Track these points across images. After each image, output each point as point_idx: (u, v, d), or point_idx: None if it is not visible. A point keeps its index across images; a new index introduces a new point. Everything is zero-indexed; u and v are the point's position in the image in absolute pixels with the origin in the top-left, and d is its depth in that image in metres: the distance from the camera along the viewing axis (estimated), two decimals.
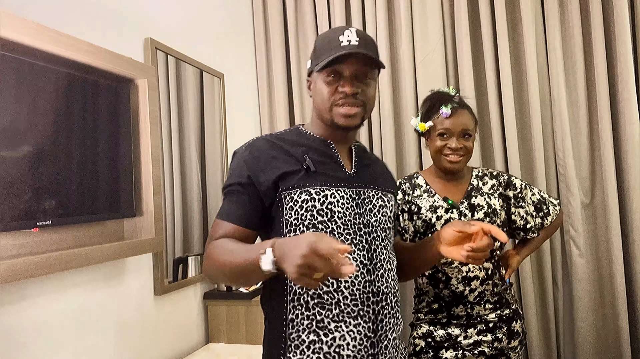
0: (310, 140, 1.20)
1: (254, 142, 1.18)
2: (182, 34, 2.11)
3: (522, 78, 2.39)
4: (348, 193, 1.15)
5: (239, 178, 1.13)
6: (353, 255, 1.11)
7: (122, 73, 1.60)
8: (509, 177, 1.77)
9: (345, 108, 1.12)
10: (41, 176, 1.30)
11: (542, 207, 1.78)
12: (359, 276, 1.11)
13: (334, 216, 1.11)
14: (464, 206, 1.68)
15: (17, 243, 1.27)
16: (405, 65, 2.48)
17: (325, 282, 1.09)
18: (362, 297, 1.10)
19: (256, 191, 1.12)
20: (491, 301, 1.68)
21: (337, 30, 1.15)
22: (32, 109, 1.29)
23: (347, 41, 1.11)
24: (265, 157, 1.14)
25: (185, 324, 2.00)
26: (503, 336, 1.67)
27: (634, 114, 2.20)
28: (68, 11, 1.52)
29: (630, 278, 2.25)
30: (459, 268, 1.63)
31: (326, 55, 1.11)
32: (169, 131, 1.95)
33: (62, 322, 1.43)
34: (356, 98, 1.13)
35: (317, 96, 1.17)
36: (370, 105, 1.18)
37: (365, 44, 1.12)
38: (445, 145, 1.65)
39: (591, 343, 2.30)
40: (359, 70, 1.12)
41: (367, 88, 1.15)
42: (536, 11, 2.37)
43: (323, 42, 1.16)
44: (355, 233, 1.13)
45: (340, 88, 1.12)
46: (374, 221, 1.18)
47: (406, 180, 1.76)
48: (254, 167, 1.13)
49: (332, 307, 1.09)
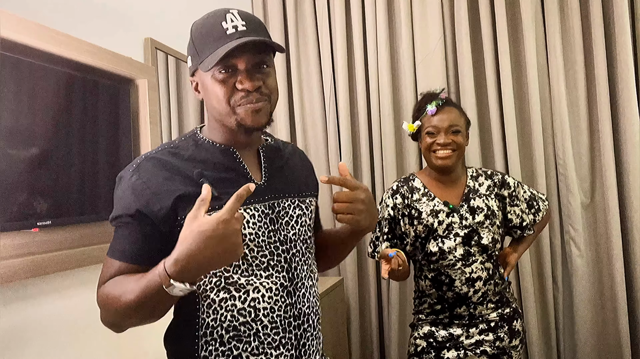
0: (210, 152, 1.01)
1: (142, 163, 0.98)
2: (182, 34, 2.10)
3: (522, 78, 2.39)
4: (260, 209, 0.99)
5: (126, 210, 0.94)
6: (271, 278, 0.98)
7: (122, 73, 1.60)
8: (502, 175, 1.78)
9: (249, 106, 0.95)
10: (41, 176, 1.30)
11: (533, 204, 1.79)
12: (279, 300, 0.98)
13: (245, 239, 0.96)
14: (463, 209, 1.68)
15: (17, 243, 1.27)
16: (405, 65, 2.48)
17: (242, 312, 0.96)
18: (283, 323, 0.99)
19: (150, 221, 0.93)
20: (493, 300, 1.68)
21: (216, 15, 0.96)
22: (32, 109, 1.29)
23: (233, 27, 0.93)
24: (156, 181, 0.94)
25: None
26: (504, 335, 1.67)
27: (634, 114, 2.20)
28: (68, 11, 1.52)
29: (630, 278, 2.25)
30: (462, 269, 1.64)
31: (211, 48, 0.93)
32: (169, 131, 1.95)
33: (62, 322, 1.43)
34: (260, 93, 0.96)
35: (210, 99, 0.97)
36: (275, 97, 1.01)
37: (254, 28, 0.95)
38: (434, 142, 1.67)
39: (591, 343, 2.30)
40: (255, 61, 0.95)
41: (268, 78, 0.98)
42: (536, 11, 2.37)
43: (202, 31, 0.97)
44: (272, 253, 0.99)
45: (238, 85, 0.94)
46: (292, 235, 1.03)
47: (403, 183, 1.76)
48: (144, 198, 0.93)
49: (250, 339, 0.97)
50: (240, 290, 0.97)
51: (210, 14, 0.98)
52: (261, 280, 0.98)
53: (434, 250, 1.65)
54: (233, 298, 0.97)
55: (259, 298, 0.97)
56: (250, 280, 0.97)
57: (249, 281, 0.97)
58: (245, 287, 0.97)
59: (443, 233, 1.65)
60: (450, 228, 1.66)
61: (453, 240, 1.65)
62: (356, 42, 2.55)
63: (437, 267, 1.66)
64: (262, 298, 0.97)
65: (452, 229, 1.65)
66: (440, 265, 1.65)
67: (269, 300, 0.98)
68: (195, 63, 0.99)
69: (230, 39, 0.92)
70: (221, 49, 0.91)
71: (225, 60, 0.92)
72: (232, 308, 0.97)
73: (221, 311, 0.97)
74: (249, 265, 0.97)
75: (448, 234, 1.65)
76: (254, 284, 0.97)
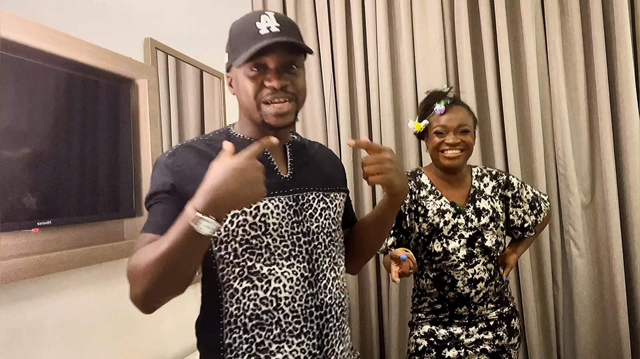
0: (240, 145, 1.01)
1: (178, 149, 1.05)
2: (182, 34, 2.11)
3: (522, 78, 2.39)
4: (284, 200, 1.04)
5: (162, 187, 0.99)
6: (292, 268, 1.02)
7: (122, 73, 1.60)
8: (507, 176, 1.77)
9: (275, 107, 1.00)
10: (41, 176, 1.30)
11: (535, 205, 1.79)
12: (300, 290, 1.01)
13: (269, 228, 1.00)
14: (469, 210, 1.67)
15: (17, 243, 1.27)
16: (405, 65, 2.48)
17: (264, 301, 1.00)
18: (304, 313, 1.01)
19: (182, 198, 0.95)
20: (493, 300, 1.69)
21: (252, 16, 1.01)
22: (32, 109, 1.29)
23: (267, 28, 0.98)
24: (190, 165, 1.01)
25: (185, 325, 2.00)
26: (504, 334, 1.68)
27: (634, 114, 2.20)
28: (68, 11, 1.52)
29: (630, 278, 2.25)
30: (465, 270, 1.64)
31: (245, 46, 0.98)
32: (169, 131, 1.95)
33: (62, 322, 1.43)
34: (286, 91, 1.00)
35: (241, 94, 1.04)
36: (301, 97, 1.05)
37: (287, 30, 1.00)
38: (442, 142, 1.64)
39: (591, 343, 2.30)
40: (285, 60, 1.00)
41: (296, 78, 1.03)
42: (536, 11, 2.37)
43: (238, 31, 1.03)
44: (294, 244, 1.03)
45: (266, 83, 0.99)
46: (315, 227, 1.06)
47: (410, 177, 1.74)
48: (178, 176, 0.99)
49: (272, 327, 1.00)
50: (262, 279, 1.00)
51: (248, 15, 1.03)
52: (282, 269, 1.01)
53: (437, 250, 1.65)
54: (255, 288, 1.00)
55: (280, 287, 1.00)
56: (272, 270, 1.00)
57: (271, 270, 1.00)
58: (267, 277, 1.00)
59: (448, 234, 1.65)
60: (455, 229, 1.65)
61: (457, 241, 1.64)
62: (356, 42, 2.55)
63: (439, 267, 1.66)
64: (283, 287, 1.01)
65: (457, 230, 1.65)
66: (443, 265, 1.65)
67: (290, 290, 1.01)
68: (230, 60, 1.05)
69: (263, 38, 0.97)
70: (253, 47, 0.96)
71: (256, 58, 0.97)
72: (255, 297, 1.00)
73: (244, 300, 1.00)
74: (271, 254, 1.01)
75: (453, 235, 1.65)
76: (276, 274, 1.00)
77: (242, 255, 1.00)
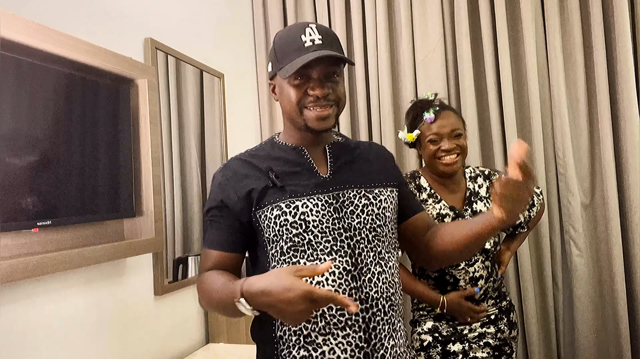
0: (282, 151, 1.16)
1: (228, 163, 1.17)
2: (182, 34, 2.11)
3: (522, 78, 2.39)
4: (323, 198, 1.09)
5: (214, 202, 1.13)
6: (335, 262, 1.06)
7: (122, 73, 1.60)
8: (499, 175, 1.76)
9: (317, 112, 1.07)
10: (41, 176, 1.30)
11: None
12: (343, 283, 1.05)
13: (309, 226, 1.06)
14: (467, 213, 1.68)
15: (17, 243, 1.27)
16: (405, 65, 2.48)
17: None
18: None
19: (231, 213, 1.12)
20: (493, 296, 1.72)
21: (297, 29, 1.08)
22: (32, 109, 1.29)
23: (311, 41, 1.05)
24: (237, 177, 1.12)
25: (185, 324, 2.00)
26: (505, 327, 1.72)
27: (634, 114, 2.20)
28: (68, 11, 1.52)
29: (630, 278, 2.24)
30: (466, 269, 1.65)
31: (289, 57, 1.06)
32: (169, 131, 1.95)
33: (62, 322, 1.43)
34: (327, 100, 1.08)
35: (284, 101, 1.11)
36: (342, 103, 1.12)
37: (329, 42, 1.07)
38: (438, 149, 1.65)
39: (591, 343, 2.30)
40: (327, 71, 1.07)
41: (337, 86, 1.10)
42: (536, 11, 2.37)
43: (282, 42, 1.10)
44: (335, 239, 1.07)
45: (310, 91, 1.07)
46: (356, 223, 1.10)
47: (410, 180, 1.75)
48: (226, 189, 1.12)
49: (317, 320, 1.04)
50: None
51: (292, 27, 1.11)
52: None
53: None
54: None
55: (324, 281, 1.05)
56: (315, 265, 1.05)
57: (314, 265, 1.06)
58: None
59: None
60: None
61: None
62: (356, 42, 2.55)
63: (441, 268, 1.66)
64: (326, 281, 1.05)
65: None
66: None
67: (333, 283, 1.04)
68: (274, 69, 1.12)
69: (307, 51, 1.05)
70: (299, 60, 1.04)
71: (301, 69, 1.04)
72: None
73: None
74: (314, 250, 1.06)
75: None
76: None
77: (288, 252, 1.07)
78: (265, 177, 1.10)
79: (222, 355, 1.92)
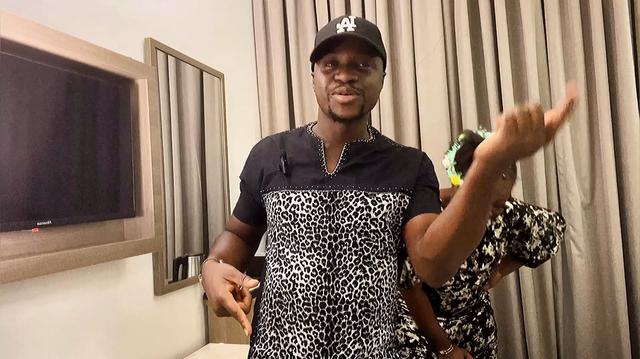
0: (304, 141, 1.16)
1: (261, 140, 1.23)
2: (182, 34, 2.11)
3: (522, 78, 2.39)
4: (318, 194, 1.08)
5: (242, 176, 1.23)
6: (312, 259, 1.07)
7: (122, 74, 1.60)
8: (520, 216, 1.65)
9: (340, 97, 1.04)
10: (41, 176, 1.30)
11: (548, 239, 1.71)
12: (315, 281, 1.06)
13: (297, 219, 1.09)
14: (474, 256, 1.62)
15: (17, 243, 1.27)
16: (405, 65, 2.48)
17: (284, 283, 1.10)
18: (315, 302, 1.06)
19: (249, 189, 1.20)
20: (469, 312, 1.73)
21: (336, 20, 1.08)
22: (32, 109, 1.29)
23: (344, 28, 1.04)
24: (261, 155, 1.18)
25: (185, 324, 2.00)
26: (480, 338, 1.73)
27: (634, 114, 2.20)
28: (68, 11, 1.52)
29: (630, 277, 2.25)
30: (451, 293, 1.64)
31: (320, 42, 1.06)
32: (169, 131, 1.95)
33: (63, 322, 1.43)
34: (352, 86, 1.04)
35: (316, 89, 1.11)
36: (370, 94, 1.07)
37: (363, 31, 1.04)
38: None
39: (591, 343, 2.30)
40: (356, 57, 1.05)
41: (366, 75, 1.06)
42: (536, 11, 2.37)
43: (321, 32, 1.11)
44: (318, 236, 1.08)
45: (336, 76, 1.05)
46: (345, 224, 1.07)
47: None
48: (250, 165, 1.19)
49: (287, 308, 1.09)
50: (287, 264, 1.10)
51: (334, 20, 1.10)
52: (303, 258, 1.08)
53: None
54: (281, 270, 1.11)
55: (298, 274, 1.08)
56: (295, 257, 1.09)
57: (294, 257, 1.09)
58: (289, 262, 1.10)
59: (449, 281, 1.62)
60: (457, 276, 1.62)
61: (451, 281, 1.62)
62: None
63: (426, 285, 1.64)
64: (300, 274, 1.08)
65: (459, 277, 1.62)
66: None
67: (306, 278, 1.07)
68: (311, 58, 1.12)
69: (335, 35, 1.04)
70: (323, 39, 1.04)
71: (329, 55, 1.05)
72: (279, 278, 1.11)
73: (273, 278, 1.12)
74: (296, 243, 1.09)
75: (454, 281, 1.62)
76: (297, 261, 1.09)
77: (277, 239, 1.13)
78: (278, 161, 1.14)
79: (222, 355, 1.92)
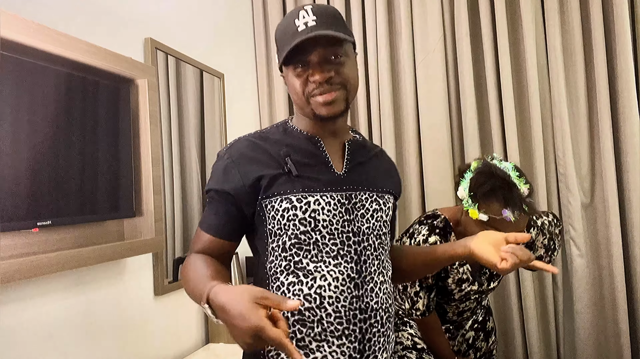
0: (296, 138, 1.08)
1: (235, 143, 1.08)
2: (182, 34, 2.11)
3: (522, 78, 2.39)
4: (336, 197, 1.02)
5: (216, 185, 1.05)
6: (339, 267, 1.00)
7: (122, 73, 1.60)
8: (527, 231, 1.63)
9: (322, 97, 0.99)
10: (41, 176, 1.30)
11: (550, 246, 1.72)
12: (345, 291, 0.99)
13: (318, 225, 1.00)
14: (484, 277, 1.63)
15: (17, 243, 1.27)
16: (405, 65, 2.48)
17: (308, 298, 0.99)
18: (347, 314, 0.99)
19: (234, 201, 1.03)
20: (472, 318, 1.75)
21: (291, 14, 1.01)
22: (32, 109, 1.29)
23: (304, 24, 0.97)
24: (244, 160, 1.04)
25: (185, 324, 2.00)
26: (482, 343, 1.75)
27: (634, 114, 2.20)
28: (68, 11, 1.52)
29: (630, 278, 2.24)
30: (457, 305, 1.65)
31: (286, 44, 0.99)
32: (169, 131, 1.95)
33: (62, 322, 1.43)
34: (331, 83, 0.99)
35: (291, 91, 1.04)
36: (351, 85, 1.03)
37: (326, 22, 0.98)
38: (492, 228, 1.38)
39: (591, 343, 2.30)
40: (326, 53, 0.99)
41: (342, 68, 1.01)
42: (536, 11, 2.37)
43: (279, 31, 1.04)
44: (343, 242, 1.01)
45: (310, 78, 0.99)
46: (365, 228, 1.04)
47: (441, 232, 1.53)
48: (230, 173, 1.03)
49: (313, 325, 0.98)
50: (308, 276, 0.99)
51: (288, 14, 1.03)
52: (329, 268, 1.00)
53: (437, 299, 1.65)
54: (300, 283, 1.00)
55: (325, 286, 0.99)
56: (319, 267, 0.99)
57: (317, 268, 0.99)
58: (312, 274, 0.99)
59: (458, 298, 1.63)
60: (467, 295, 1.63)
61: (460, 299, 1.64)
62: (356, 42, 2.55)
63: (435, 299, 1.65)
64: (328, 286, 0.99)
65: (468, 296, 1.63)
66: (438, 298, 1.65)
67: (335, 289, 0.99)
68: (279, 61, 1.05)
69: (300, 35, 0.97)
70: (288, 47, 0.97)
71: (297, 56, 0.98)
72: (299, 293, 0.99)
73: (288, 294, 1.00)
74: (319, 251, 1.00)
75: (461, 298, 1.63)
76: (322, 271, 0.99)
77: (290, 249, 1.01)
78: (277, 163, 1.03)
79: (222, 355, 1.92)
